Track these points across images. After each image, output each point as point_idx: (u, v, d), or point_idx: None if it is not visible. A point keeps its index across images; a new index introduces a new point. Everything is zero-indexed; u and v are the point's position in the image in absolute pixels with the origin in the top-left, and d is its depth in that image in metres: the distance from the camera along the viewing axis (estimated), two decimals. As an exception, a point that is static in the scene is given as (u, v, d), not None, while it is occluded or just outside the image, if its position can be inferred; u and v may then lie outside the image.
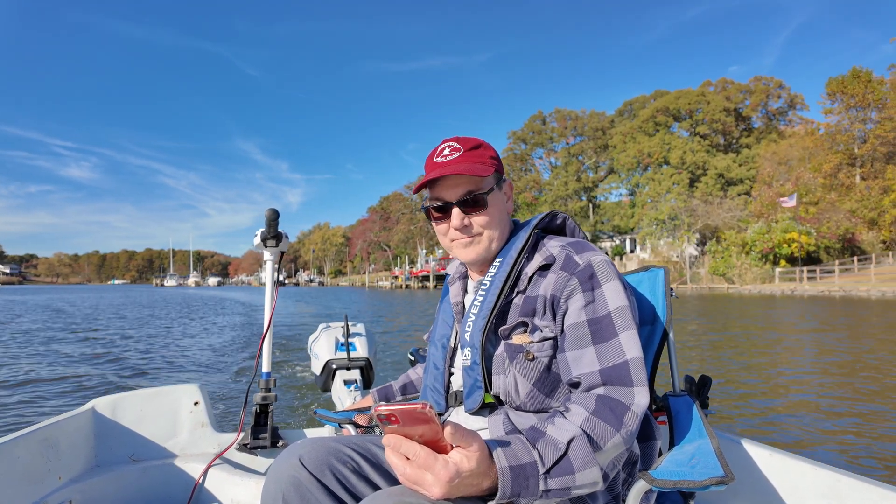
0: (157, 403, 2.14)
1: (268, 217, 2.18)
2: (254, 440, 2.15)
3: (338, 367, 2.37)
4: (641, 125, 65.10)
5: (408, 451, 0.86)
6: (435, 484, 0.85)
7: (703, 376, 1.38)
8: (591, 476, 0.94)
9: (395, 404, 0.82)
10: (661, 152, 61.27)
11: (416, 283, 73.57)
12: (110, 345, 11.24)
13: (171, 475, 2.04)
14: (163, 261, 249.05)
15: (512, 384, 1.13)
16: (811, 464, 1.33)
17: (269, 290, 2.28)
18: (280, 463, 1.16)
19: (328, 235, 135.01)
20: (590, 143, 72.23)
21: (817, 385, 6.60)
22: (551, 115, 76.87)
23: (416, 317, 21.33)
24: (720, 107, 61.94)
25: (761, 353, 9.34)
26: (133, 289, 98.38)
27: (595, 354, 1.06)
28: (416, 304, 33.29)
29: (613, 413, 1.00)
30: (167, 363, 8.86)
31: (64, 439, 1.84)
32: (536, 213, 1.28)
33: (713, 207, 51.36)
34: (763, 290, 35.71)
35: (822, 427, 4.87)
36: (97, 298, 40.55)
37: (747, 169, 56.17)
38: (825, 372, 7.40)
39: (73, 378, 7.33)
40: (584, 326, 1.08)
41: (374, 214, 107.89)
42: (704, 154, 59.69)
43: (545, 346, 1.12)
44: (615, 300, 1.09)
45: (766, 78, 64.77)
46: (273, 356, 2.29)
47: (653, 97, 69.31)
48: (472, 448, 0.87)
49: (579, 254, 1.15)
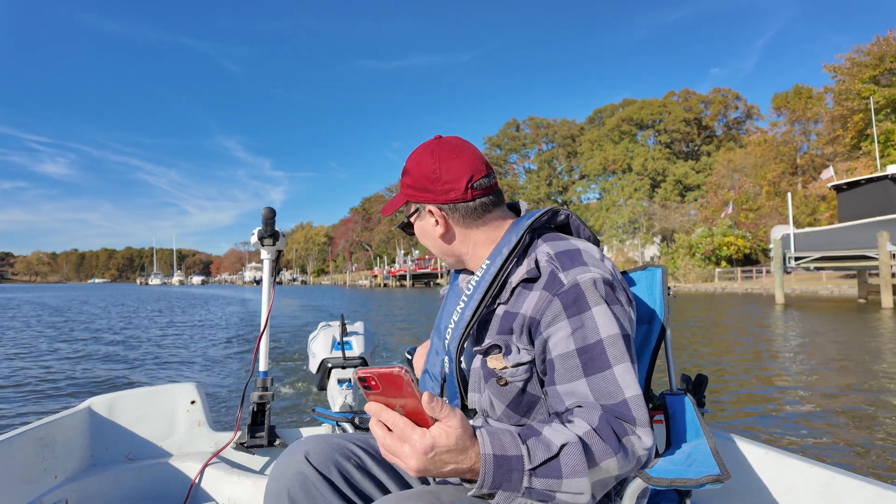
0: (153, 402, 2.11)
1: (265, 216, 2.15)
2: (251, 439, 2.13)
3: (333, 365, 2.35)
4: (608, 133, 68.58)
5: (387, 419, 0.83)
6: (411, 455, 0.82)
7: (699, 375, 1.38)
8: (579, 486, 0.88)
9: (373, 368, 0.80)
10: (624, 159, 64.91)
11: (395, 281, 76.02)
12: (106, 343, 11.22)
13: (168, 474, 2.01)
14: (143, 259, 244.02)
15: (487, 403, 1.09)
16: (806, 462, 1.32)
17: (265, 289, 2.24)
18: (285, 460, 1.13)
19: (311, 235, 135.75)
20: (560, 150, 75.72)
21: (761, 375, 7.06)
22: (525, 122, 79.75)
23: (385, 309, 22.65)
24: (680, 117, 65.62)
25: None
26: (118, 287, 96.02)
27: (588, 388, 0.97)
28: (393, 299, 34.53)
29: (616, 434, 0.93)
30: (164, 361, 8.81)
31: (60, 438, 1.81)
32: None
33: (670, 212, 54.31)
34: (700, 287, 39.90)
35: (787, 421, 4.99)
36: (85, 296, 40.52)
37: (705, 175, 60.41)
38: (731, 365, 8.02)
39: (70, 377, 7.27)
40: (574, 357, 0.99)
41: (357, 215, 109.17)
42: (664, 161, 62.95)
43: (519, 371, 1.05)
44: (606, 327, 0.99)
45: (724, 90, 68.71)
46: (270, 354, 2.27)
47: (621, 105, 73.20)
48: (451, 423, 0.83)
49: (566, 271, 1.04)
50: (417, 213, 1.19)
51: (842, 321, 15.14)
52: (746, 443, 1.48)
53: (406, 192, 1.19)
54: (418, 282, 73.84)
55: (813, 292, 27.60)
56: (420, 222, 1.20)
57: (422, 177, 1.15)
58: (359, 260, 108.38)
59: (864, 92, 28.77)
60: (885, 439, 4.54)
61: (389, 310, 23.73)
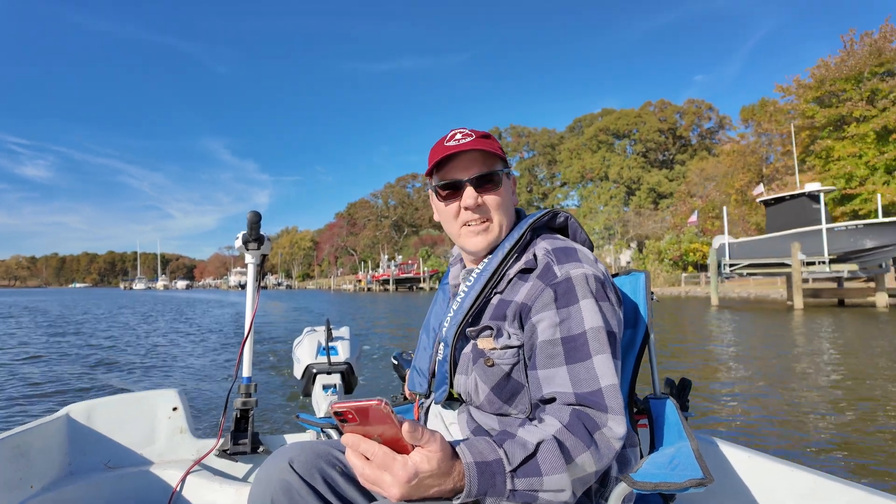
0: (134, 409, 2.06)
1: (250, 219, 2.12)
2: (234, 446, 2.09)
3: (318, 371, 2.33)
4: (586, 142, 70.41)
5: (366, 450, 0.83)
6: (393, 485, 0.81)
7: (683, 379, 1.40)
8: (559, 483, 0.89)
9: (351, 401, 0.78)
10: (601, 168, 67.02)
11: (378, 286, 77.15)
12: (90, 348, 10.96)
13: (148, 482, 1.96)
14: (125, 264, 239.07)
15: (472, 386, 1.10)
16: (789, 465, 1.33)
17: (250, 294, 2.21)
18: (269, 467, 1.12)
19: (296, 239, 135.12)
20: (541, 158, 78.48)
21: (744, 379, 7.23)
22: (507, 130, 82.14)
23: (368, 313, 22.82)
24: (654, 127, 67.73)
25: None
26: (107, 292, 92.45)
27: (567, 375, 1.00)
28: (378, 302, 34.83)
29: (587, 429, 0.95)
30: (147, 367, 8.62)
31: (36, 446, 1.77)
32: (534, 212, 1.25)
33: (644, 219, 56.27)
34: (666, 291, 41.94)
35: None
36: (71, 301, 39.47)
37: (678, 184, 63.19)
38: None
39: (49, 383, 7.08)
40: (558, 345, 1.03)
41: (342, 220, 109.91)
42: (639, 170, 64.96)
43: (507, 353, 1.08)
44: (591, 319, 1.03)
45: (697, 101, 71.27)
46: (254, 360, 2.23)
47: (600, 115, 75.72)
48: (432, 448, 0.83)
49: (561, 264, 1.08)
50: (507, 174, 1.21)
51: (753, 320, 16.88)
52: (729, 446, 1.48)
53: (502, 152, 1.20)
54: (402, 286, 74.72)
55: (765, 295, 29.68)
56: (506, 182, 1.21)
57: (500, 148, 1.19)
58: (344, 265, 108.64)
59: (808, 112, 31.72)
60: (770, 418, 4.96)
61: (373, 314, 23.97)
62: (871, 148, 29.05)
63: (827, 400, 5.94)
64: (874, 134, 28.90)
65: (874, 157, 28.89)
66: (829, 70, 30.75)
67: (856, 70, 30.21)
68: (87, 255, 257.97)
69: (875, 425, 4.90)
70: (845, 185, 30.09)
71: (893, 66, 29.33)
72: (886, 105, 28.61)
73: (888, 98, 28.56)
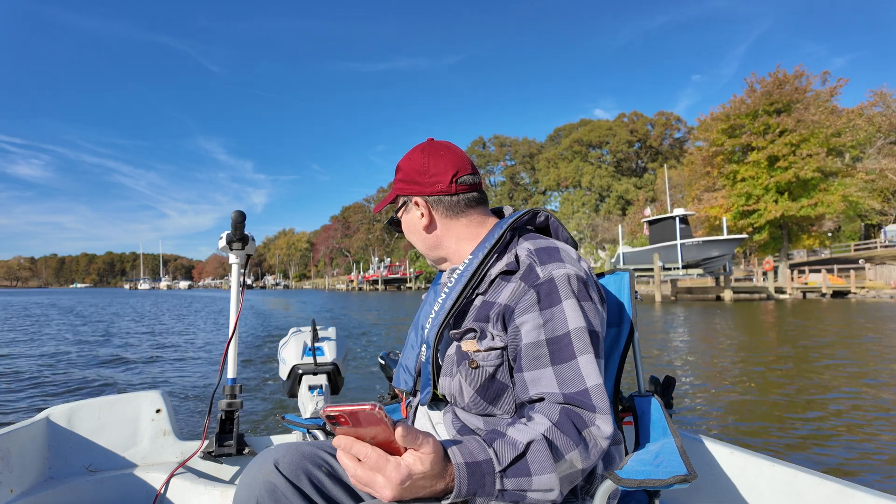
0: (116, 411, 2.01)
1: (234, 219, 2.09)
2: (219, 448, 2.05)
3: (304, 371, 2.29)
4: (563, 152, 75.33)
5: (359, 452, 0.82)
6: (386, 486, 0.81)
7: (667, 377, 1.39)
8: (548, 483, 0.89)
9: (344, 405, 0.77)
10: (574, 177, 73.55)
11: (368, 286, 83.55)
12: (75, 351, 10.90)
13: (131, 485, 1.92)
14: (125, 264, 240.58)
15: (457, 387, 1.09)
16: (770, 461, 1.35)
17: (234, 295, 2.18)
18: (254, 468, 1.09)
19: (293, 241, 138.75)
20: (521, 167, 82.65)
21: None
22: (490, 140, 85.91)
23: (356, 310, 24.05)
24: (624, 139, 73.08)
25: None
26: (114, 292, 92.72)
27: (554, 376, 1.00)
28: (367, 301, 36.81)
29: (576, 428, 0.95)
30: (131, 369, 8.48)
31: (15, 450, 1.72)
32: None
33: (612, 224, 60.49)
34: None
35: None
36: (90, 301, 39.97)
37: (646, 191, 70.44)
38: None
39: (30, 387, 6.97)
40: (543, 346, 1.02)
41: (337, 222, 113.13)
42: (609, 178, 69.72)
43: (491, 355, 1.07)
44: (574, 320, 1.02)
45: (667, 113, 76.78)
46: (239, 361, 2.19)
47: (578, 125, 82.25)
48: (425, 450, 0.82)
49: (543, 265, 1.07)
50: (405, 206, 1.23)
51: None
52: (713, 443, 1.50)
53: (397, 186, 1.23)
54: (390, 286, 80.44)
55: (651, 292, 34.42)
56: (407, 216, 1.23)
57: (411, 171, 1.21)
58: (339, 265, 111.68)
59: (718, 140, 39.15)
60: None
61: (361, 311, 24.74)
62: (764, 172, 36.40)
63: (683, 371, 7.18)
64: (766, 161, 36.25)
65: (766, 180, 36.33)
66: (735, 107, 38.29)
67: (752, 108, 37.63)
68: (87, 256, 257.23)
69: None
70: (745, 203, 37.33)
71: (780, 105, 36.78)
72: (773, 137, 36.05)
73: (773, 132, 36.03)
